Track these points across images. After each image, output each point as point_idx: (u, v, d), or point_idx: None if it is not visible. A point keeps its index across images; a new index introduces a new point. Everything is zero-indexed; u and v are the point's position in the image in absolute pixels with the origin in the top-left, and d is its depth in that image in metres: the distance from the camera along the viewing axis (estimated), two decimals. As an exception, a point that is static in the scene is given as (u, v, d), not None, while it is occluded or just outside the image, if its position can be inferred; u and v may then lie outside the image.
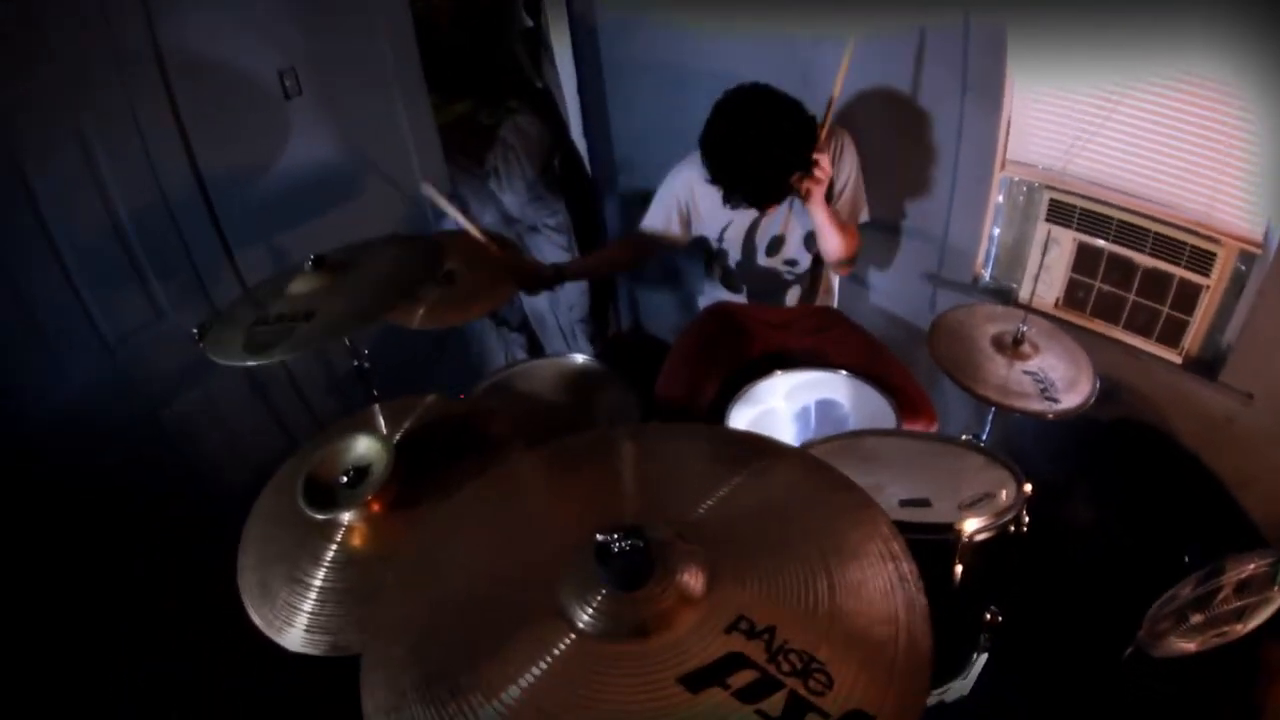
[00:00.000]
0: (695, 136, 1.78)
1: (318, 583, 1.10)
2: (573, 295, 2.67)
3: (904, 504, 1.31)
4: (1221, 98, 1.55)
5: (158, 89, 1.79)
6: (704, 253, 2.13)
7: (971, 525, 1.22)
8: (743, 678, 0.68)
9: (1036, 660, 1.81)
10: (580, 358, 2.03)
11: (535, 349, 2.74)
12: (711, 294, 2.18)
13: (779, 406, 1.84)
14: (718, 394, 1.94)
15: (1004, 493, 1.33)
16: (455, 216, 1.88)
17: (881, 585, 0.76)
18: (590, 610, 0.75)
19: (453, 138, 2.42)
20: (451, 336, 2.57)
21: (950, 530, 1.21)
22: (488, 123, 2.48)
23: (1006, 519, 1.25)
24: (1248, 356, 1.67)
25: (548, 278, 2.02)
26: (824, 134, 1.76)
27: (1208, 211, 1.67)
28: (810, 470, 0.93)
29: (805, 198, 1.76)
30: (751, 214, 1.93)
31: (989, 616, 1.35)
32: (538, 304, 2.67)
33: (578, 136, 2.74)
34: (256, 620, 1.09)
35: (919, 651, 0.70)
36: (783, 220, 1.94)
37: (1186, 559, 1.64)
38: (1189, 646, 1.51)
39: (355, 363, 1.66)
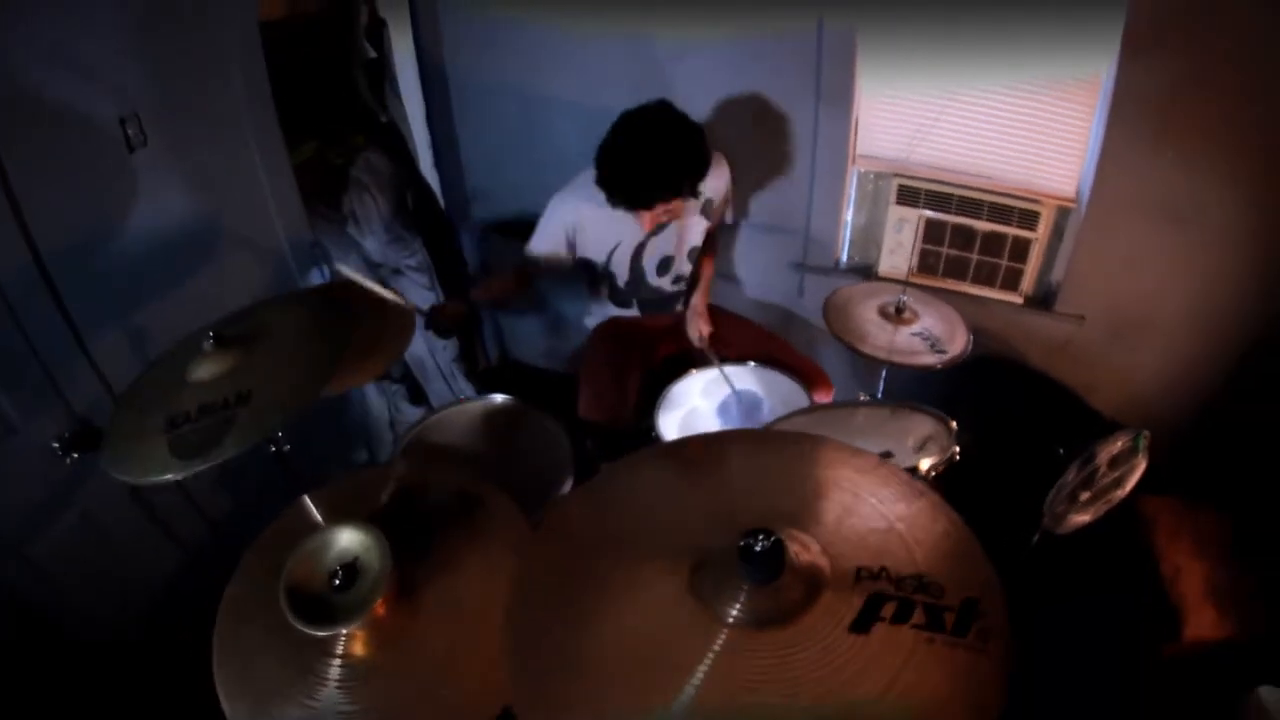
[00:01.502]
0: (552, 158, 1.86)
1: (335, 706, 0.96)
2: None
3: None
4: (1036, 88, 1.96)
5: None
6: (588, 275, 2.17)
7: (926, 464, 1.58)
8: (889, 609, 0.86)
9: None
10: (496, 398, 1.93)
11: (417, 397, 2.57)
12: (600, 312, 2.23)
13: (700, 405, 1.94)
14: (638, 403, 2.00)
15: (938, 432, 1.66)
16: (377, 290, 1.71)
17: (923, 510, 0.97)
18: (740, 605, 0.86)
19: (304, 182, 2.20)
20: (327, 401, 2.33)
21: (917, 472, 1.56)
22: (338, 162, 2.30)
23: (951, 452, 1.61)
24: (1074, 288, 2.12)
25: (462, 314, 1.94)
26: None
27: (1029, 180, 2.09)
28: (831, 445, 1.10)
29: (680, 217, 1.92)
30: (638, 236, 2.01)
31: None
32: (416, 349, 2.51)
33: (427, 169, 2.64)
34: None
35: (966, 536, 0.94)
36: (673, 242, 2.05)
37: (1060, 452, 2.03)
38: (1085, 518, 1.84)
39: (273, 448, 1.43)
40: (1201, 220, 1.93)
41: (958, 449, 1.61)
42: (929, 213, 2.21)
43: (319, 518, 1.20)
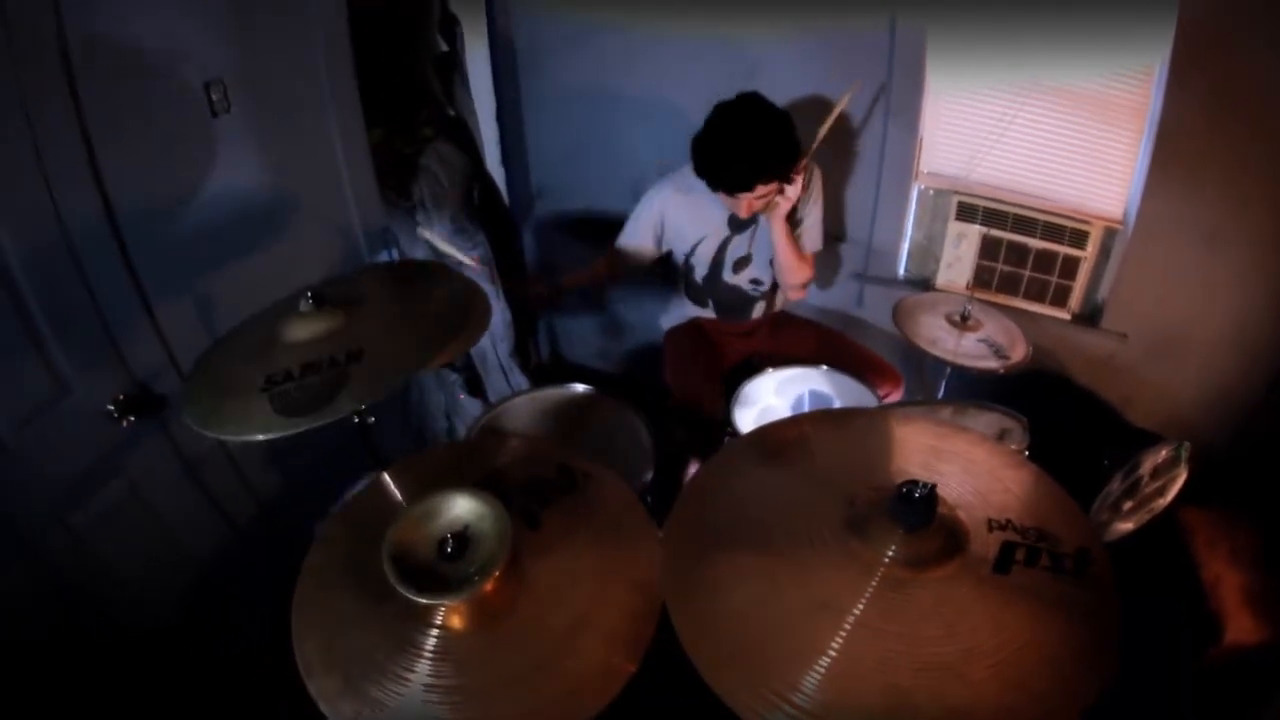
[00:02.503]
0: (620, 159, 1.93)
1: (426, 679, 0.93)
2: (500, 329, 2.55)
3: None
4: (1089, 115, 2.08)
5: (60, 93, 1.39)
6: (668, 270, 2.26)
7: None
8: (1020, 553, 0.97)
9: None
10: (576, 387, 1.95)
11: (474, 389, 2.56)
12: (677, 312, 2.30)
13: (774, 403, 2.01)
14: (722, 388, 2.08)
15: (1013, 427, 1.78)
16: (457, 256, 1.71)
17: (1029, 476, 1.10)
18: (895, 544, 0.95)
19: (375, 167, 2.20)
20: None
21: None
22: (406, 151, 2.31)
23: (1028, 445, 1.73)
24: (1119, 306, 2.23)
25: (547, 296, 1.98)
26: (804, 163, 1.98)
27: (1081, 201, 2.20)
28: (945, 424, 1.25)
29: (770, 211, 1.97)
30: (723, 233, 2.10)
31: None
32: (480, 342, 2.51)
33: (493, 165, 2.65)
34: None
35: (1066, 498, 1.08)
36: (749, 241, 2.13)
37: (1106, 463, 2.11)
38: (1128, 526, 1.93)
39: (356, 420, 1.40)
40: (1240, 243, 2.05)
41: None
42: (986, 229, 2.32)
43: (397, 493, 1.19)
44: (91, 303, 1.52)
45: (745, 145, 1.84)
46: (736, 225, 2.10)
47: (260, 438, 1.12)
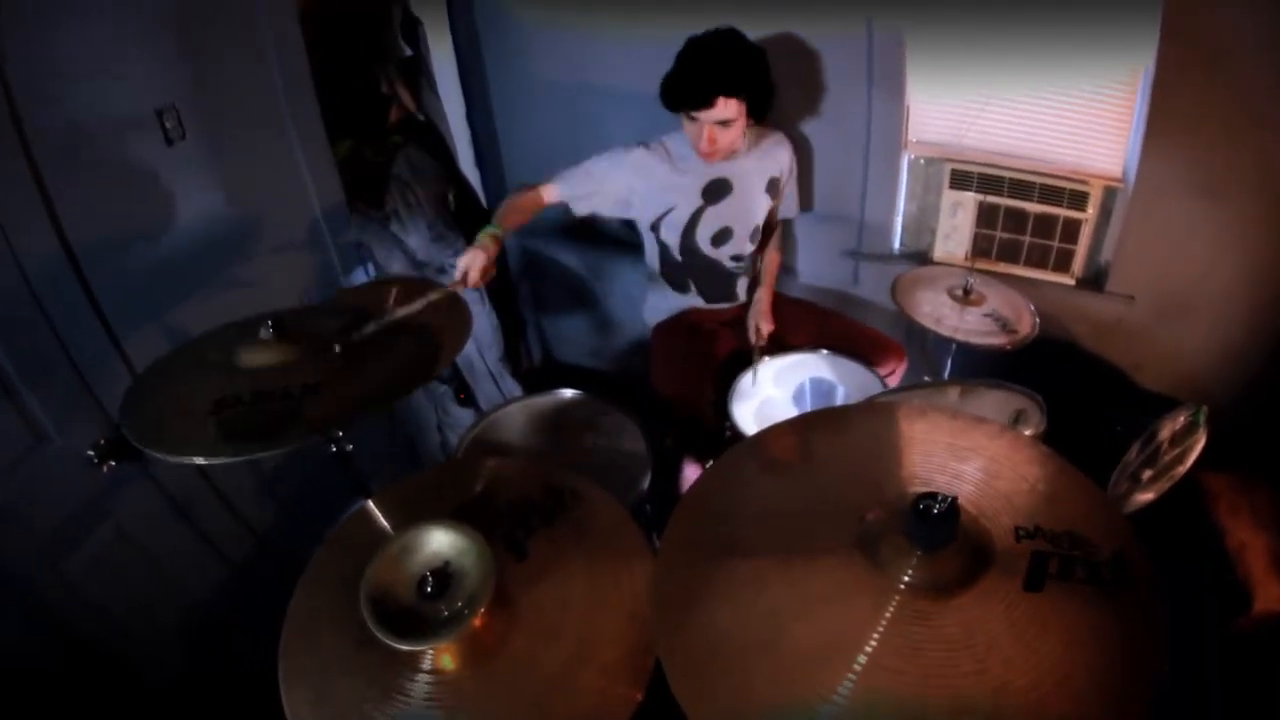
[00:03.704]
0: (598, 151, 1.91)
1: None
2: (488, 336, 2.49)
3: None
4: (1083, 71, 1.97)
5: (8, 136, 1.37)
6: (649, 256, 2.15)
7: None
8: (1054, 564, 0.86)
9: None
10: (565, 393, 1.90)
11: (465, 399, 2.50)
12: (658, 304, 2.20)
13: (774, 394, 1.92)
14: (716, 387, 1.97)
15: (1029, 407, 1.66)
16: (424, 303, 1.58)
17: (1056, 472, 0.99)
18: (912, 568, 0.85)
19: (343, 181, 2.14)
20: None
21: None
22: (377, 160, 2.24)
23: (1045, 426, 1.59)
24: (1124, 268, 2.14)
25: (495, 254, 1.81)
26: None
27: (1078, 161, 2.11)
28: (959, 415, 1.12)
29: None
30: (695, 203, 1.99)
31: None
32: (467, 350, 2.45)
33: (468, 167, 2.58)
34: None
35: (1097, 493, 0.98)
36: (729, 212, 2.03)
37: (1119, 429, 2.04)
38: (1149, 497, 1.86)
39: (334, 448, 1.37)
40: (1244, 196, 1.96)
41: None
42: (982, 196, 2.23)
43: (384, 522, 1.13)
44: (60, 347, 1.50)
45: (705, 56, 1.82)
46: (710, 195, 2.00)
47: (200, 461, 1.11)
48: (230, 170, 1.82)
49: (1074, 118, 2.06)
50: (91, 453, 1.51)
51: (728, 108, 1.81)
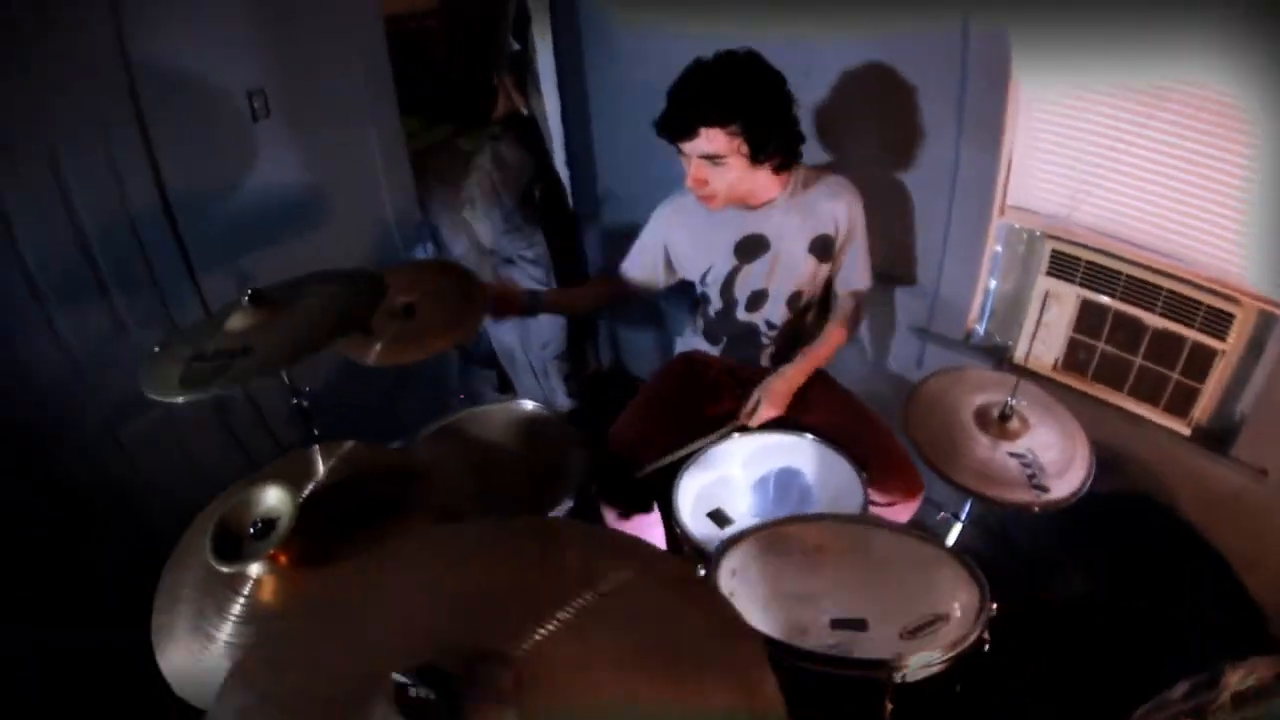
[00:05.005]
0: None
1: (223, 637, 1.05)
2: (547, 332, 2.55)
3: (835, 624, 1.13)
4: (1245, 138, 1.41)
5: (126, 103, 1.73)
6: (692, 299, 1.97)
7: (910, 660, 1.03)
8: None
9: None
10: (525, 404, 1.86)
11: (505, 386, 2.62)
12: (689, 341, 2.00)
13: (735, 474, 1.63)
14: (674, 446, 1.67)
15: (958, 610, 1.14)
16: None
17: None
18: None
19: (431, 163, 2.34)
20: (416, 373, 2.45)
21: (881, 667, 1.03)
22: (466, 149, 2.39)
23: (951, 654, 1.06)
24: (1265, 428, 1.52)
25: (522, 304, 1.88)
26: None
27: (1226, 268, 1.53)
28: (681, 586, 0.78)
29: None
30: (730, 261, 1.77)
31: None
32: (505, 340, 2.55)
33: (561, 166, 2.64)
34: (162, 665, 1.06)
35: None
36: (765, 274, 1.77)
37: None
38: None
39: (295, 400, 1.53)
40: None
41: (986, 637, 1.10)
42: (1086, 292, 1.72)
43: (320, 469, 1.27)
44: (147, 269, 1.88)
45: (695, 80, 1.59)
46: (744, 252, 1.77)
47: (154, 396, 1.29)
48: (307, 148, 2.08)
49: (1231, 206, 1.48)
50: (156, 349, 1.87)
51: (712, 141, 1.58)
